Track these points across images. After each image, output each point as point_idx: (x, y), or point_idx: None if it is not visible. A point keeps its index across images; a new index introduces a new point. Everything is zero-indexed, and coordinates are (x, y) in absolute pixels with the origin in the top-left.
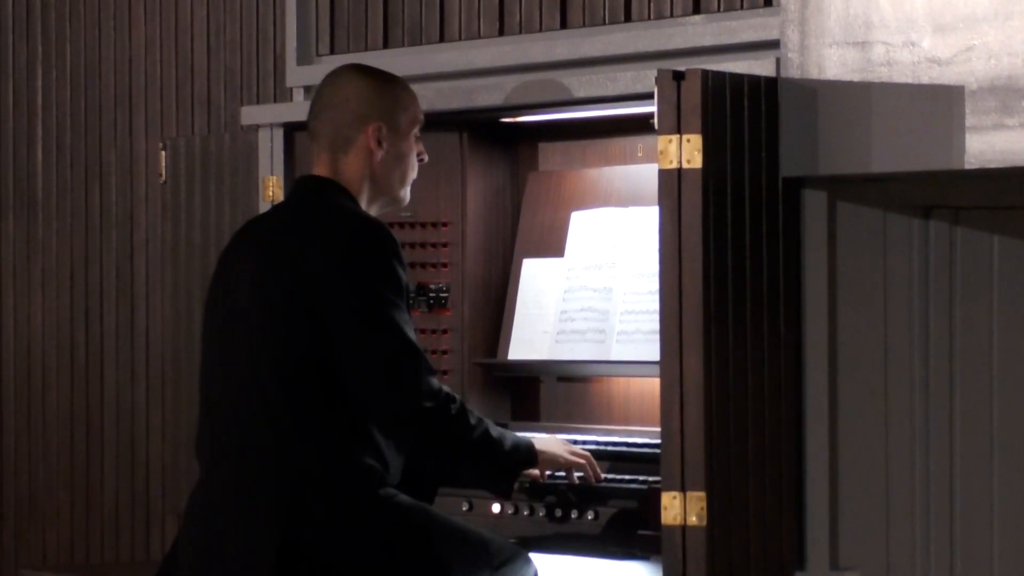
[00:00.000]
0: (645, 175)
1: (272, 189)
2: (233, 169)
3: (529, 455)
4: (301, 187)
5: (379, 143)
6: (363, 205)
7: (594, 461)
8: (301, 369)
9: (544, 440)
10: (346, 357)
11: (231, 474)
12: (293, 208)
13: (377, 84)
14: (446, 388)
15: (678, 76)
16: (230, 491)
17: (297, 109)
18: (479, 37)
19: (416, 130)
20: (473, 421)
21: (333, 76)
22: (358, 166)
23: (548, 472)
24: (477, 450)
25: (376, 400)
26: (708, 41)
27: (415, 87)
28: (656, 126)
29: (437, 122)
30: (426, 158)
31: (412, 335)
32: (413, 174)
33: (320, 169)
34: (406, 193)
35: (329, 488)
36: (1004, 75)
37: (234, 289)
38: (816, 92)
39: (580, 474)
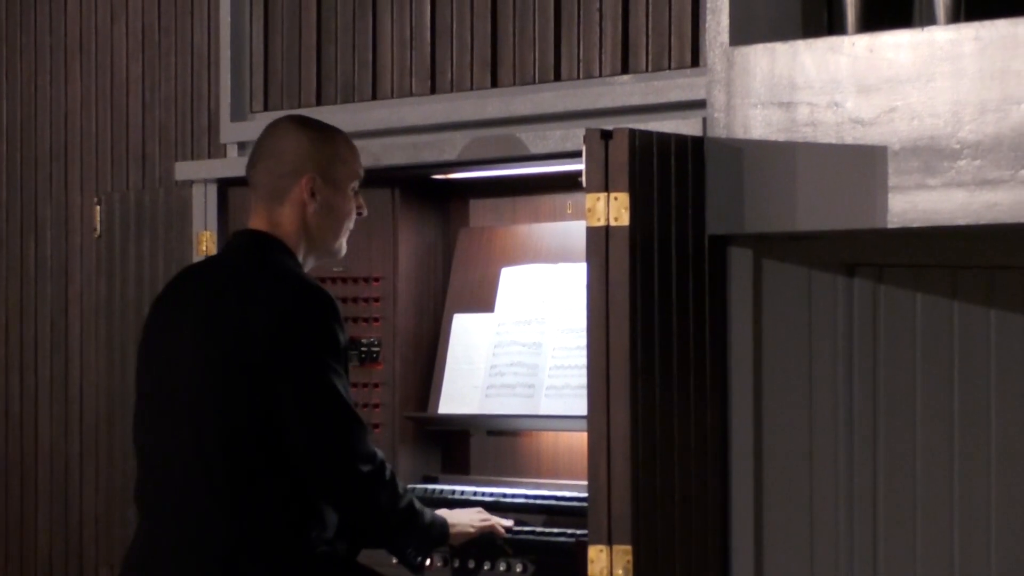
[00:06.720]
0: (574, 232)
1: (206, 244)
2: (167, 224)
3: (443, 531)
4: (239, 242)
5: (312, 194)
6: (300, 257)
7: (496, 521)
8: (241, 431)
9: (453, 514)
10: (285, 422)
11: (171, 533)
12: (232, 265)
13: (316, 136)
14: (380, 454)
15: (606, 135)
16: (170, 550)
17: (231, 165)
18: (411, 95)
19: (355, 184)
20: (401, 490)
21: (273, 126)
22: (293, 218)
23: None
24: (402, 518)
25: (314, 464)
26: (636, 100)
27: None
28: (584, 184)
29: (369, 178)
30: (365, 212)
31: (350, 400)
32: (349, 226)
33: (257, 221)
34: (341, 246)
35: (268, 551)
36: (926, 136)
37: (172, 345)
38: (742, 151)
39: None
